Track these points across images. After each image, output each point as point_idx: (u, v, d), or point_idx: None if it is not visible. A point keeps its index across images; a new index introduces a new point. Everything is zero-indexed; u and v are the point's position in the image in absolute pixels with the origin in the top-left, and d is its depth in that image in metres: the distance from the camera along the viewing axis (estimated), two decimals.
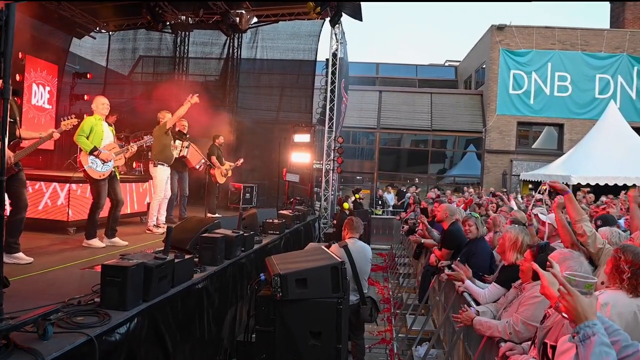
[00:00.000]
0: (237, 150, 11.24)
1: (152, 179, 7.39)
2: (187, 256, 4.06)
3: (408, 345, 6.22)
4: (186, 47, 13.20)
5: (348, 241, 5.15)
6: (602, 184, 15.12)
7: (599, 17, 51.80)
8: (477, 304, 3.91)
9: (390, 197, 18.94)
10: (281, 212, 8.54)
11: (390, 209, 18.08)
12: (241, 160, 9.70)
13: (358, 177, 22.46)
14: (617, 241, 3.52)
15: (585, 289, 1.67)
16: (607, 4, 23.61)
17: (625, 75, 20.49)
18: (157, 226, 7.06)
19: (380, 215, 16.89)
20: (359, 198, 12.01)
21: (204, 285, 4.28)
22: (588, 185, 15.13)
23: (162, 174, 7.13)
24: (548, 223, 4.44)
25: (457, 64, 27.52)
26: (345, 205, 8.49)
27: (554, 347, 2.49)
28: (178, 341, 3.70)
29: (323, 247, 4.59)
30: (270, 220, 7.56)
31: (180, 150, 7.97)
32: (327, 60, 12.79)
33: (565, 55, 20.41)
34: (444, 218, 6.09)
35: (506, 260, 3.87)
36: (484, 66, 21.65)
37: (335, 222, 10.08)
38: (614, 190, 15.12)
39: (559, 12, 68.97)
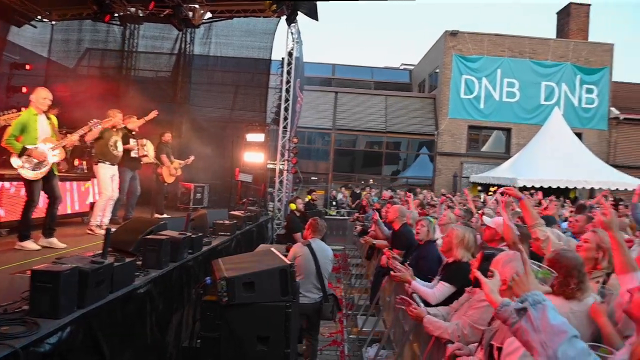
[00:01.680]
0: (187, 149, 10.88)
1: (95, 177, 7.08)
2: (128, 259, 3.86)
3: (359, 347, 6.22)
4: (135, 41, 12.69)
5: (311, 241, 5.25)
6: (545, 186, 15.75)
7: (546, 27, 54.34)
8: (427, 305, 3.92)
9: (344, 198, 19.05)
10: (232, 212, 8.36)
11: (345, 209, 18.17)
12: (191, 158, 9.43)
13: (313, 178, 22.44)
14: (556, 241, 3.64)
15: (539, 276, 1.75)
16: (554, 14, 24.69)
17: (569, 83, 21.51)
18: (100, 227, 6.73)
19: (334, 216, 16.94)
20: (312, 199, 11.96)
21: (147, 289, 4.08)
22: (533, 187, 15.76)
23: (104, 172, 6.81)
24: (492, 227, 4.52)
25: (412, 67, 28.05)
26: (292, 205, 8.38)
27: (500, 349, 2.52)
28: (117, 348, 3.50)
29: (273, 249, 4.50)
30: (221, 221, 7.38)
31: (139, 149, 7.71)
32: (283, 59, 12.66)
33: (514, 63, 21.20)
34: (394, 219, 6.14)
35: (452, 256, 3.90)
36: (437, 70, 22.15)
37: (286, 223, 9.98)
38: (558, 192, 15.86)
39: (506, 21, 71.78)
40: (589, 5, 23.41)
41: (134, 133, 7.77)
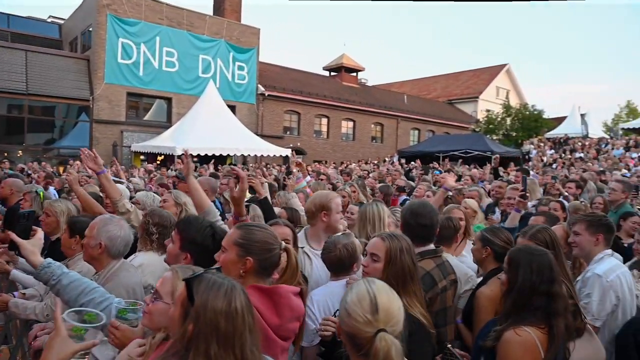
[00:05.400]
0: None
1: None
2: None
3: None
4: None
5: None
6: (202, 154, 16.66)
7: (204, 2, 56.14)
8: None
9: None
10: None
11: None
12: None
13: None
14: (151, 203, 3.73)
15: None
16: None
17: (223, 59, 23.20)
18: None
19: None
20: None
21: None
22: (191, 155, 16.39)
23: None
24: None
25: (63, 22, 24.74)
26: None
27: None
28: None
29: None
30: None
31: None
32: None
33: (172, 32, 21.31)
34: (9, 195, 5.18)
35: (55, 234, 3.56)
36: (91, 29, 20.16)
37: None
38: (215, 159, 16.99)
39: None
40: None
41: None
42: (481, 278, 2.89)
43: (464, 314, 2.76)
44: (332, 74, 33.26)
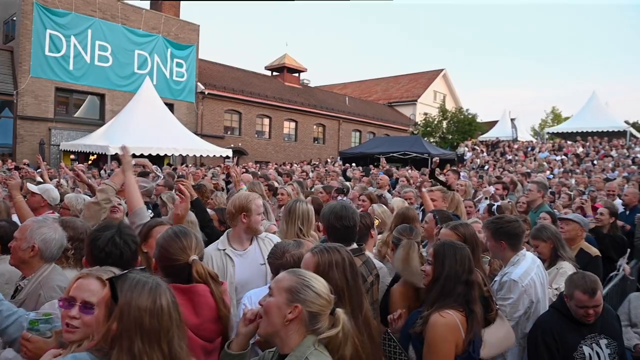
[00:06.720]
0: None
1: None
2: None
3: None
4: None
5: None
6: (138, 153, 15.98)
7: None
8: None
9: None
10: None
11: None
12: None
13: None
14: (82, 207, 3.54)
15: None
16: None
17: (161, 55, 22.43)
18: None
19: None
20: None
21: None
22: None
23: None
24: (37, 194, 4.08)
25: None
26: None
27: None
28: None
29: None
30: None
31: None
32: None
33: (106, 25, 20.34)
34: None
35: None
36: (15, 18, 18.84)
37: None
38: (152, 159, 16.35)
39: None
40: None
41: None
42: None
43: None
44: (274, 74, 33.08)
